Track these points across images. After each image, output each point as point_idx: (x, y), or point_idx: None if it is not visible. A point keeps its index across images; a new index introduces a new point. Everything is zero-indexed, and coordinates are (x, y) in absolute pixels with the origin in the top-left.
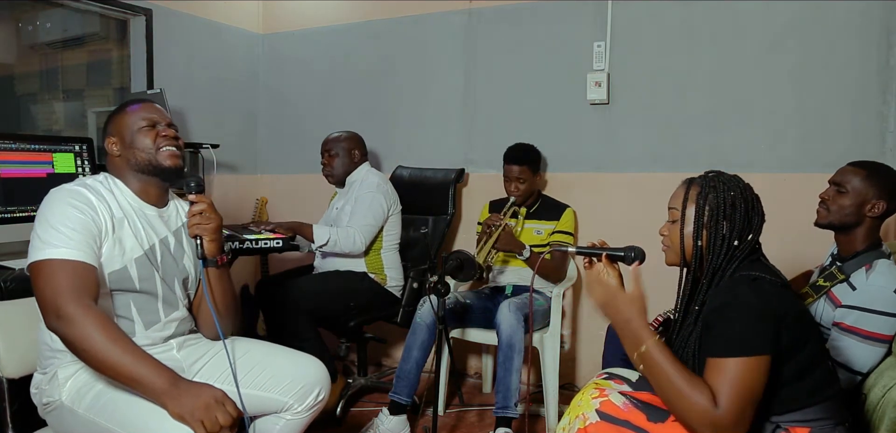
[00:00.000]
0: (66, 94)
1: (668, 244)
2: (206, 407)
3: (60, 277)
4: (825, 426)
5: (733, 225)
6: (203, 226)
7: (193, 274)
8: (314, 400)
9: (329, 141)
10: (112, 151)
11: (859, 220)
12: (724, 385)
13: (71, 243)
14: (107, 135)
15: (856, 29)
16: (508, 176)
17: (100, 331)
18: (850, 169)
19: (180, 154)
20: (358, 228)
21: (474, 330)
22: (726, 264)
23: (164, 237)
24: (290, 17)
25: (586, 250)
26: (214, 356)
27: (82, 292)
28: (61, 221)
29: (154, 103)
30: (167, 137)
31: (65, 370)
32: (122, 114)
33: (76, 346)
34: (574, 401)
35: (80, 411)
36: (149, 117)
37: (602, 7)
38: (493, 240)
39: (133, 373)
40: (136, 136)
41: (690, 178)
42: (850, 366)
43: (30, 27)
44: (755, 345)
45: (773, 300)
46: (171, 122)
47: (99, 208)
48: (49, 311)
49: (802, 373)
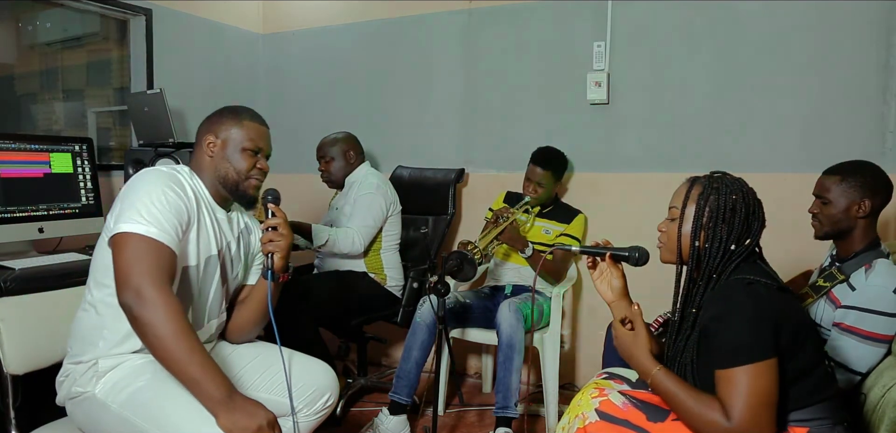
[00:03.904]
0: (66, 94)
1: (664, 241)
2: (257, 428)
3: (148, 255)
4: (824, 425)
5: (732, 229)
6: (277, 243)
7: (241, 279)
8: (323, 405)
9: (323, 145)
10: (207, 150)
11: (851, 224)
12: (734, 396)
13: (164, 225)
14: (209, 132)
15: (856, 29)
16: (530, 176)
17: (174, 321)
18: (826, 178)
19: (260, 187)
20: (357, 229)
21: (474, 330)
22: (723, 267)
23: (229, 241)
24: (290, 17)
25: (590, 250)
26: (229, 357)
27: (165, 277)
28: (158, 199)
29: (267, 127)
30: (261, 171)
31: (106, 361)
32: (235, 122)
33: (147, 329)
34: (574, 401)
35: (113, 406)
36: (257, 143)
37: (602, 7)
38: (499, 230)
39: (195, 374)
40: (238, 153)
41: (695, 176)
42: (850, 366)
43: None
44: (759, 351)
45: (768, 303)
46: (271, 153)
47: (191, 198)
48: (129, 286)
49: (801, 374)
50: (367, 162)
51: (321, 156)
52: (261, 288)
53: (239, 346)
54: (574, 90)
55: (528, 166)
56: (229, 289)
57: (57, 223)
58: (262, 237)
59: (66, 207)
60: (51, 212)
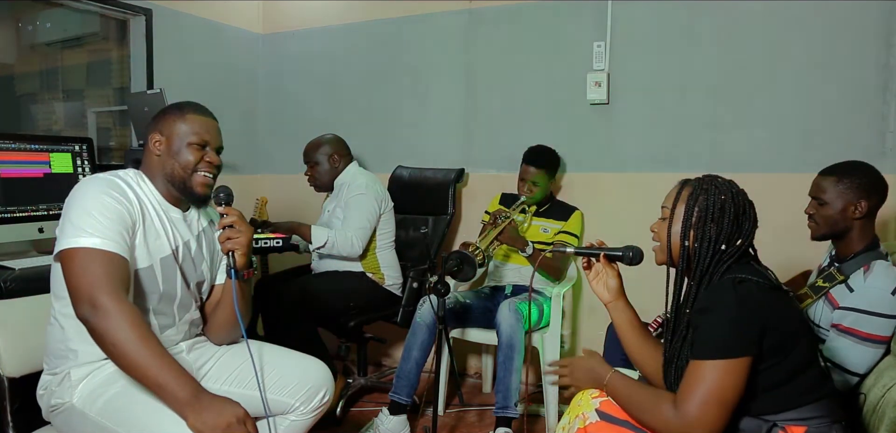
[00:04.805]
0: (66, 94)
1: (658, 240)
2: (227, 425)
3: (97, 266)
4: (821, 424)
5: (721, 228)
6: (235, 241)
7: (209, 278)
8: (319, 402)
9: (307, 150)
10: (154, 149)
11: (848, 225)
12: (691, 388)
13: (109, 233)
14: (155, 130)
15: (856, 29)
16: (524, 176)
17: (132, 328)
18: (822, 178)
19: (212, 183)
20: (353, 232)
21: (474, 330)
22: (714, 267)
23: (187, 240)
24: (290, 17)
25: (585, 251)
26: (220, 358)
27: (118, 285)
28: (98, 210)
29: (214, 119)
30: (209, 165)
31: (78, 371)
32: (179, 117)
33: (106, 340)
34: (574, 401)
35: (91, 415)
36: (202, 137)
37: (602, 7)
38: (498, 231)
39: (158, 378)
40: (184, 148)
41: (686, 179)
42: (848, 367)
43: (30, 27)
44: (731, 348)
45: (756, 302)
46: (221, 147)
47: (133, 201)
48: (83, 300)
49: (795, 373)
50: (354, 162)
51: (306, 161)
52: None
53: (229, 348)
54: (574, 90)
55: (521, 166)
56: (197, 288)
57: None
58: (219, 237)
59: None
60: (51, 212)
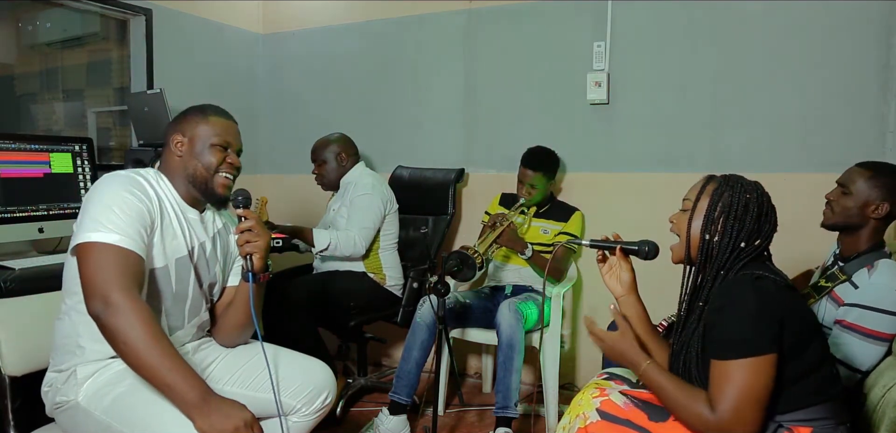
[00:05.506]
0: (66, 94)
1: (676, 231)
2: (234, 429)
3: (113, 263)
4: (827, 426)
5: (743, 226)
6: (253, 244)
7: (220, 280)
8: (321, 404)
9: (315, 149)
10: (175, 150)
11: (863, 221)
12: (723, 388)
13: (127, 231)
14: (176, 131)
15: (856, 29)
16: (522, 179)
17: (144, 327)
18: (856, 170)
19: (232, 185)
20: (357, 231)
21: (474, 330)
22: (731, 263)
23: (203, 241)
24: (290, 17)
25: (601, 244)
26: (224, 359)
27: (132, 283)
28: (119, 206)
29: (234, 122)
30: (231, 166)
31: (84, 369)
32: (201, 119)
33: (117, 337)
34: (574, 401)
35: (96, 413)
36: (225, 138)
37: (602, 7)
38: (497, 234)
39: (167, 379)
40: (206, 149)
41: (712, 174)
42: (851, 363)
43: (30, 27)
44: (757, 345)
45: (775, 299)
46: (241, 150)
47: (153, 200)
48: (96, 295)
49: (806, 374)
50: (361, 162)
51: (313, 159)
52: (245, 290)
53: (234, 349)
54: (574, 90)
55: (520, 169)
56: (209, 289)
57: (57, 223)
58: (238, 240)
59: (66, 207)
60: (51, 212)
